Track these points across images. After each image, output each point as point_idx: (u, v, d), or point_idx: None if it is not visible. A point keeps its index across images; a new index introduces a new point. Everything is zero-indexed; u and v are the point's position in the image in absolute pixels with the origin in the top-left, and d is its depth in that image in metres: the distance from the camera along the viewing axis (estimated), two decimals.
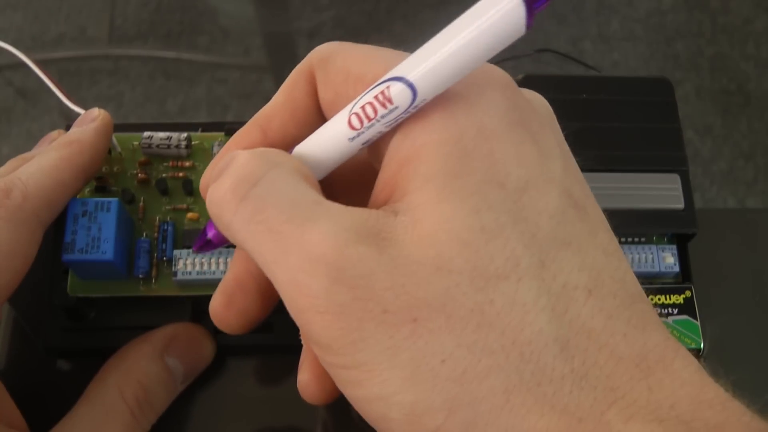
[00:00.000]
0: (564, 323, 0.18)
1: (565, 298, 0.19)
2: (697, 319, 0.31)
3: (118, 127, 0.33)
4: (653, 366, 0.18)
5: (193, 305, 0.31)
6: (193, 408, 0.32)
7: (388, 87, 0.19)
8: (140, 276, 0.30)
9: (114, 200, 0.29)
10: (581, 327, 0.18)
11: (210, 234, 0.26)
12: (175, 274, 0.30)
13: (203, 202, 0.31)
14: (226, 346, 0.32)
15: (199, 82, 0.39)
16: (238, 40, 0.40)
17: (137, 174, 0.32)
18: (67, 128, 0.34)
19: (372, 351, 0.18)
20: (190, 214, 0.32)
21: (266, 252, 0.19)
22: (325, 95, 0.23)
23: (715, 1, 0.42)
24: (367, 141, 0.21)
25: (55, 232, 0.32)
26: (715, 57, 0.37)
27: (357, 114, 0.20)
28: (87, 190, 0.32)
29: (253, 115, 0.38)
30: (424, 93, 0.19)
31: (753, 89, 0.50)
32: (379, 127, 0.20)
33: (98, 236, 0.29)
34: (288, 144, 0.23)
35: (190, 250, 0.30)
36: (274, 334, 0.32)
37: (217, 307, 0.24)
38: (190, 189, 0.32)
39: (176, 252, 0.30)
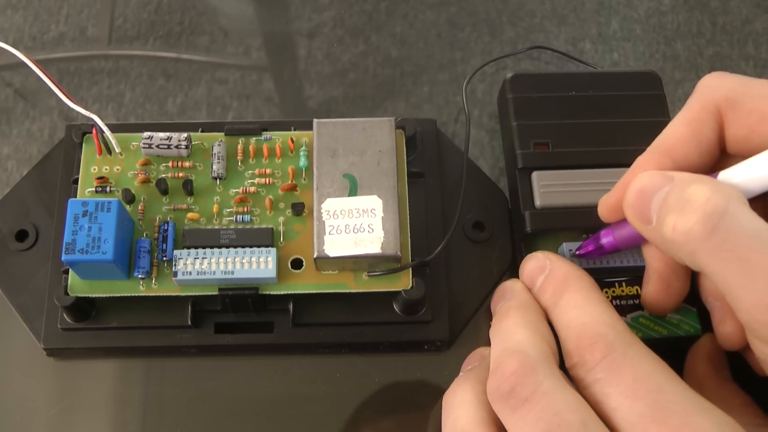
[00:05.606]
0: None
1: None
2: (694, 306, 0.31)
3: (118, 127, 0.33)
4: None
5: (192, 305, 0.31)
6: (193, 408, 0.32)
7: None
8: (140, 276, 0.30)
9: (114, 200, 0.29)
10: None
11: (604, 241, 0.28)
12: (175, 274, 0.30)
13: (203, 202, 0.32)
14: (227, 346, 0.32)
15: (199, 82, 0.39)
16: (238, 40, 0.40)
17: (137, 174, 0.32)
18: (67, 128, 0.34)
19: None
20: (190, 214, 0.32)
21: (731, 276, 0.21)
22: (737, 132, 0.25)
23: (715, 1, 0.42)
24: None
25: (56, 232, 0.32)
26: (715, 57, 0.37)
27: None
28: (87, 190, 0.32)
29: (252, 115, 0.38)
30: None
31: None
32: None
33: (98, 236, 0.29)
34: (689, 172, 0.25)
35: (190, 250, 0.30)
36: (275, 334, 0.32)
37: (656, 294, 0.28)
38: (190, 189, 0.32)
39: (176, 252, 0.30)
